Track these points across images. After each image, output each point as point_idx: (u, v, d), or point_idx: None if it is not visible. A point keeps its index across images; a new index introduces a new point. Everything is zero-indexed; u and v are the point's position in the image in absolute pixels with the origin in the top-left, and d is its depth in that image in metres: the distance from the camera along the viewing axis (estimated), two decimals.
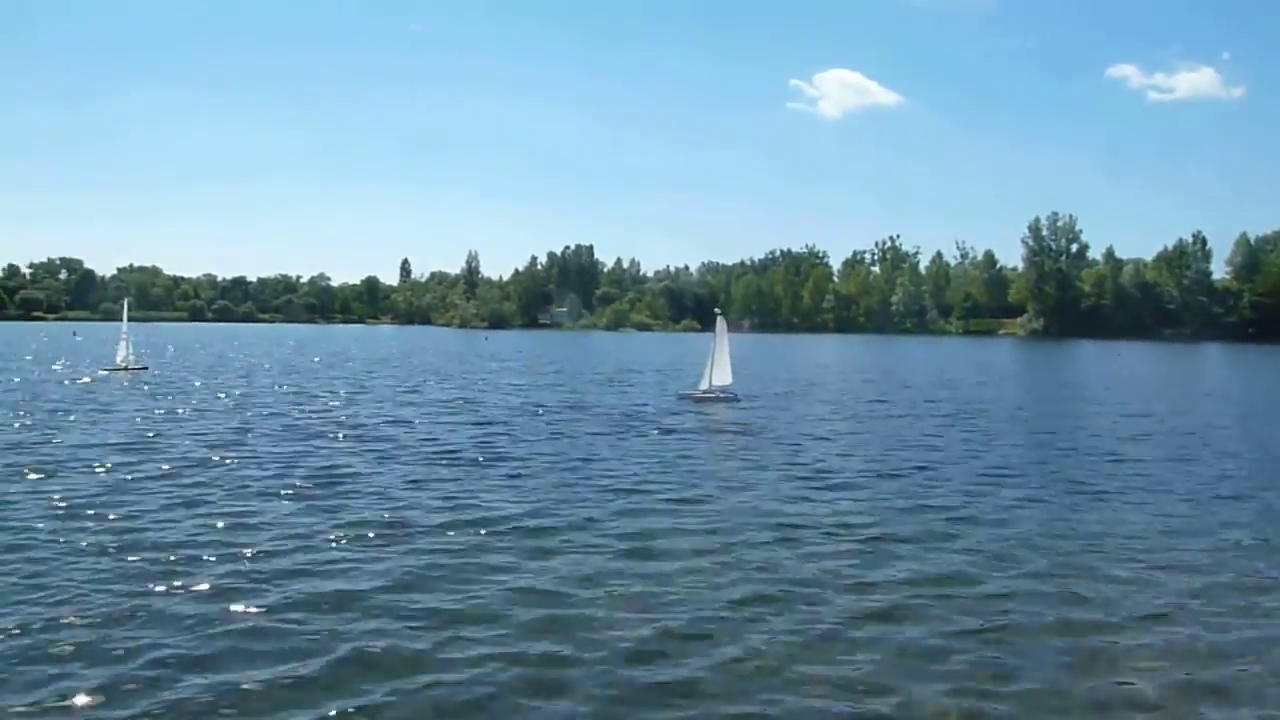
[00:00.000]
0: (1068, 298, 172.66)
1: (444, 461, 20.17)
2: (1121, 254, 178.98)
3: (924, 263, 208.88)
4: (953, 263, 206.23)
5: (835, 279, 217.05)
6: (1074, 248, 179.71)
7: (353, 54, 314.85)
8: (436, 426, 26.57)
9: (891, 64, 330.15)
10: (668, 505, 15.95)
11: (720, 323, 36.83)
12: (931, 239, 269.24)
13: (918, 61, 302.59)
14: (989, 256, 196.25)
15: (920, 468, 20.52)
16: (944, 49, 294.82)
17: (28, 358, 60.43)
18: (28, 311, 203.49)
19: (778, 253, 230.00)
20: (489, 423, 27.66)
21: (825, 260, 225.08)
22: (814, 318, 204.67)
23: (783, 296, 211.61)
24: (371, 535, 13.43)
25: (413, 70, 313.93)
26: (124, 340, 48.48)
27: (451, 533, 13.65)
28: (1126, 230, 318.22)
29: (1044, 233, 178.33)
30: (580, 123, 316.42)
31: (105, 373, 46.35)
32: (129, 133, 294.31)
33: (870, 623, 10.13)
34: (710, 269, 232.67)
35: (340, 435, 24.03)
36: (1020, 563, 12.62)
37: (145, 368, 48.80)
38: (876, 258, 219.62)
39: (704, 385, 36.23)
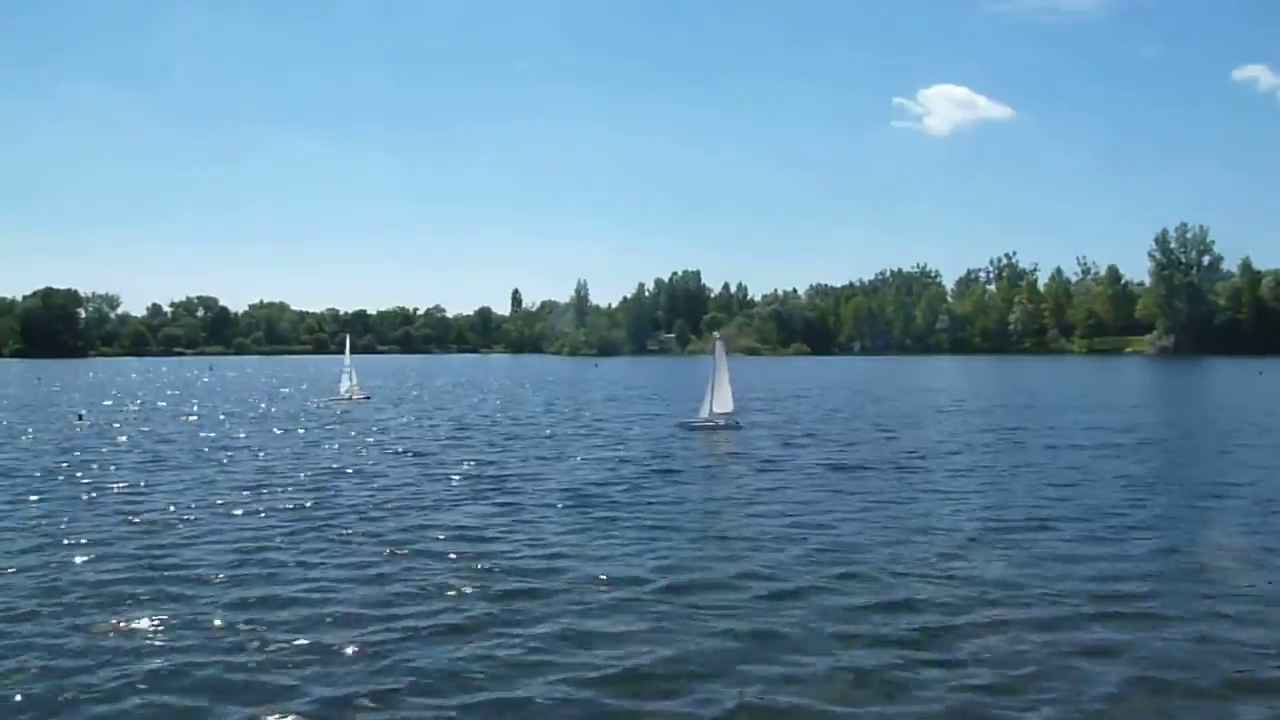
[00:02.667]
0: (1200, 313, 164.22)
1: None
2: (1259, 265, 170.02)
3: (1043, 279, 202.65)
4: (1074, 279, 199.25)
5: (949, 298, 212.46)
6: (1206, 260, 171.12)
7: (462, 93, 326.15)
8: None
9: (1000, 77, 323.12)
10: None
11: (719, 346, 34.88)
12: (1050, 255, 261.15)
13: (1029, 73, 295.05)
14: (1113, 271, 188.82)
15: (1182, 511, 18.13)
16: (1057, 59, 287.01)
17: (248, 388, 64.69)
18: (169, 348, 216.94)
19: (888, 273, 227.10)
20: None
21: (938, 279, 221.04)
22: (927, 339, 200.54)
23: (894, 317, 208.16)
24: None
25: (520, 107, 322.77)
26: (348, 371, 51.97)
27: None
28: (1264, 240, 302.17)
29: (1172, 245, 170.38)
30: (684, 151, 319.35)
31: (331, 401, 50.12)
32: (259, 182, 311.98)
33: None
34: (819, 291, 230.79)
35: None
36: None
37: (369, 397, 51.96)
38: (992, 276, 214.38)
39: (704, 412, 34.20)
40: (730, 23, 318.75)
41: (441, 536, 15.73)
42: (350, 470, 23.82)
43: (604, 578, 12.98)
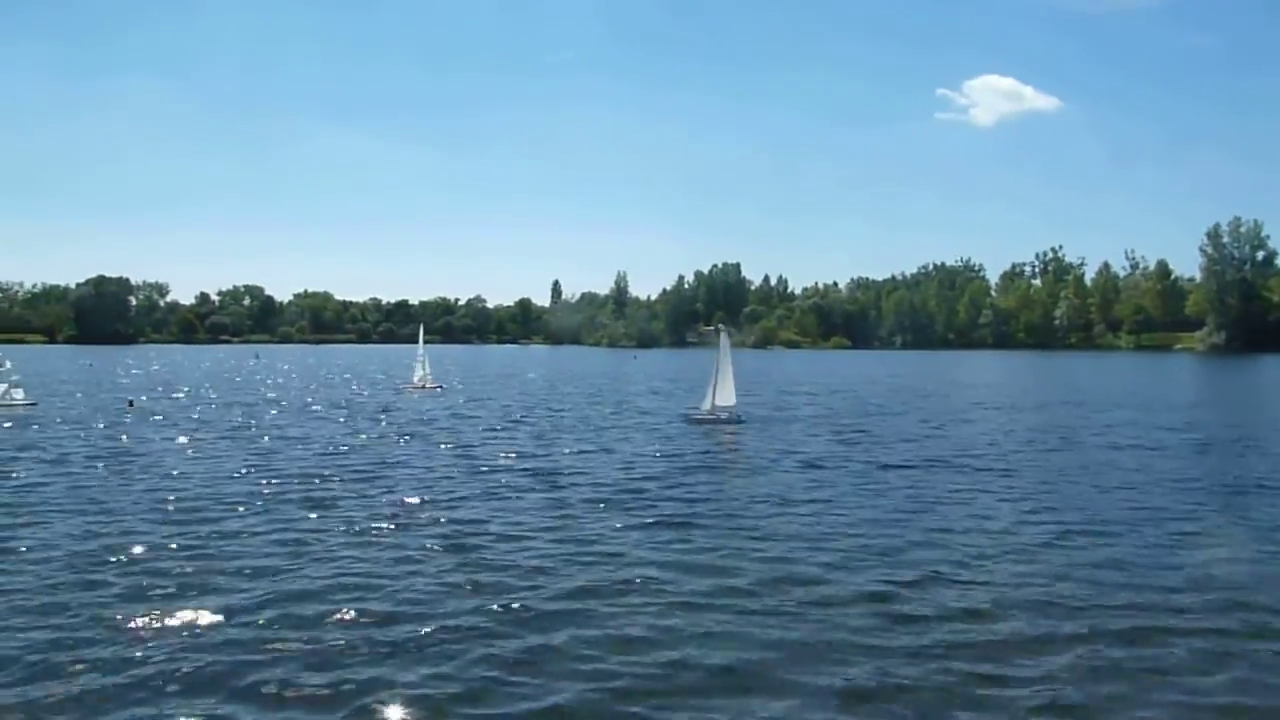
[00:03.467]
0: (1252, 309, 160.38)
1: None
2: None
3: (1090, 274, 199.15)
4: (1122, 274, 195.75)
5: (993, 292, 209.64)
6: (1259, 255, 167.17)
7: (502, 85, 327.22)
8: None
9: (1048, 67, 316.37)
10: None
11: (723, 339, 34.65)
12: (1098, 249, 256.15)
13: (1077, 63, 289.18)
14: (1162, 266, 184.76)
15: None
16: (1106, 48, 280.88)
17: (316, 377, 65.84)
18: (216, 335, 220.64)
19: (931, 266, 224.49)
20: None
21: (982, 273, 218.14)
22: (970, 333, 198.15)
23: (936, 312, 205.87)
24: None
25: (560, 98, 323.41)
26: (421, 360, 53.16)
27: None
28: None
29: (1224, 240, 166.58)
30: (724, 142, 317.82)
31: (408, 388, 51.46)
32: (302, 172, 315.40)
33: None
34: (860, 285, 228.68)
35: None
36: None
37: (441, 387, 53.00)
38: (1037, 270, 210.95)
39: (706, 406, 34.28)
40: (771, 15, 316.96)
41: (489, 532, 15.80)
42: (412, 462, 24.20)
43: (659, 580, 12.91)
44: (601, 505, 18.35)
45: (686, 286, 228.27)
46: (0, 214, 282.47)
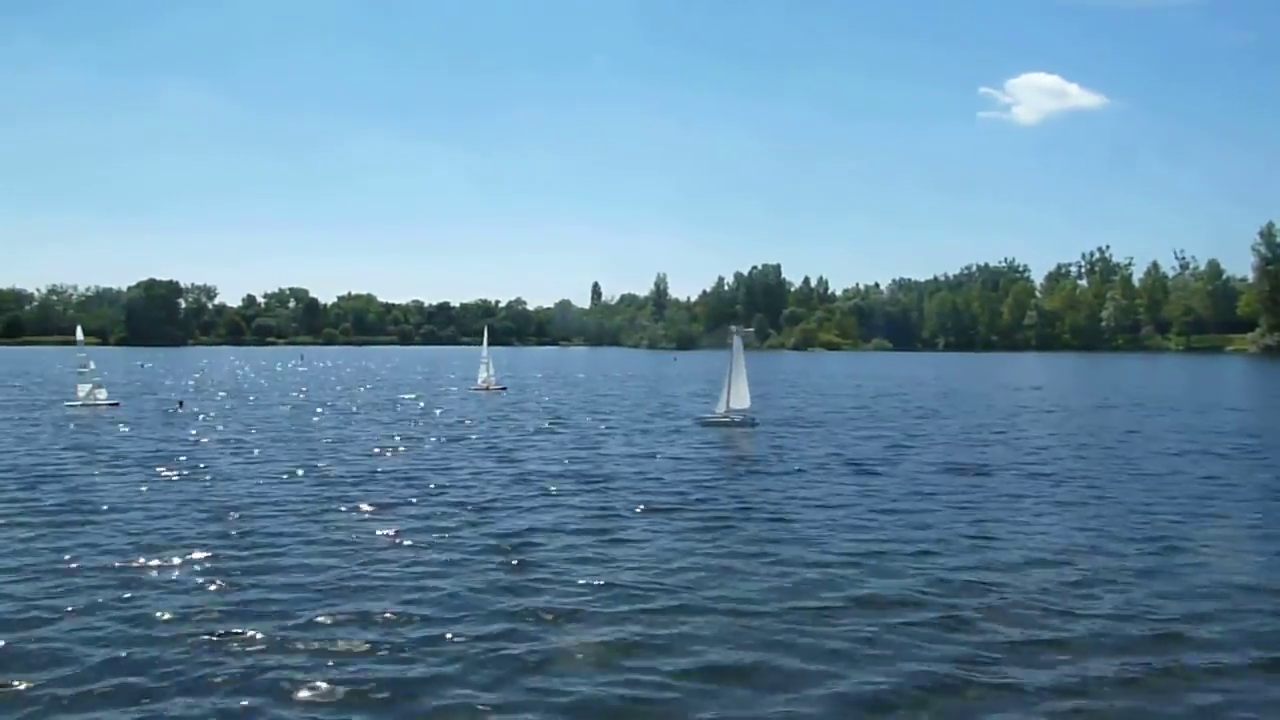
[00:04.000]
0: None
1: None
2: None
3: (1138, 274, 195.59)
4: (1171, 274, 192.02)
5: (1038, 294, 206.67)
6: None
7: (540, 88, 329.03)
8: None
9: (1092, 65, 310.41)
10: None
11: (736, 341, 34.14)
12: (1146, 249, 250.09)
13: (1123, 60, 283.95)
14: (1213, 266, 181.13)
15: None
16: (1152, 45, 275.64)
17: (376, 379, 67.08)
18: (262, 337, 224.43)
19: (974, 267, 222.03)
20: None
21: (1026, 274, 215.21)
22: (1014, 335, 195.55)
23: (980, 313, 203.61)
24: None
25: (600, 101, 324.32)
26: (485, 363, 54.50)
27: None
28: None
29: (1278, 239, 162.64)
30: (764, 144, 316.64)
31: (476, 390, 53.00)
32: (344, 175, 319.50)
33: None
34: (902, 286, 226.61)
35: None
36: None
37: (504, 388, 54.21)
38: (1083, 270, 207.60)
39: (720, 409, 34.09)
40: (808, 15, 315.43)
41: (535, 538, 15.71)
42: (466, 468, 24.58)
43: (721, 597, 12.44)
44: (641, 509, 18.39)
45: (726, 288, 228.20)
46: (53, 215, 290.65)
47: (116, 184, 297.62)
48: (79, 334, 43.88)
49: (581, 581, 13.06)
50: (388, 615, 11.50)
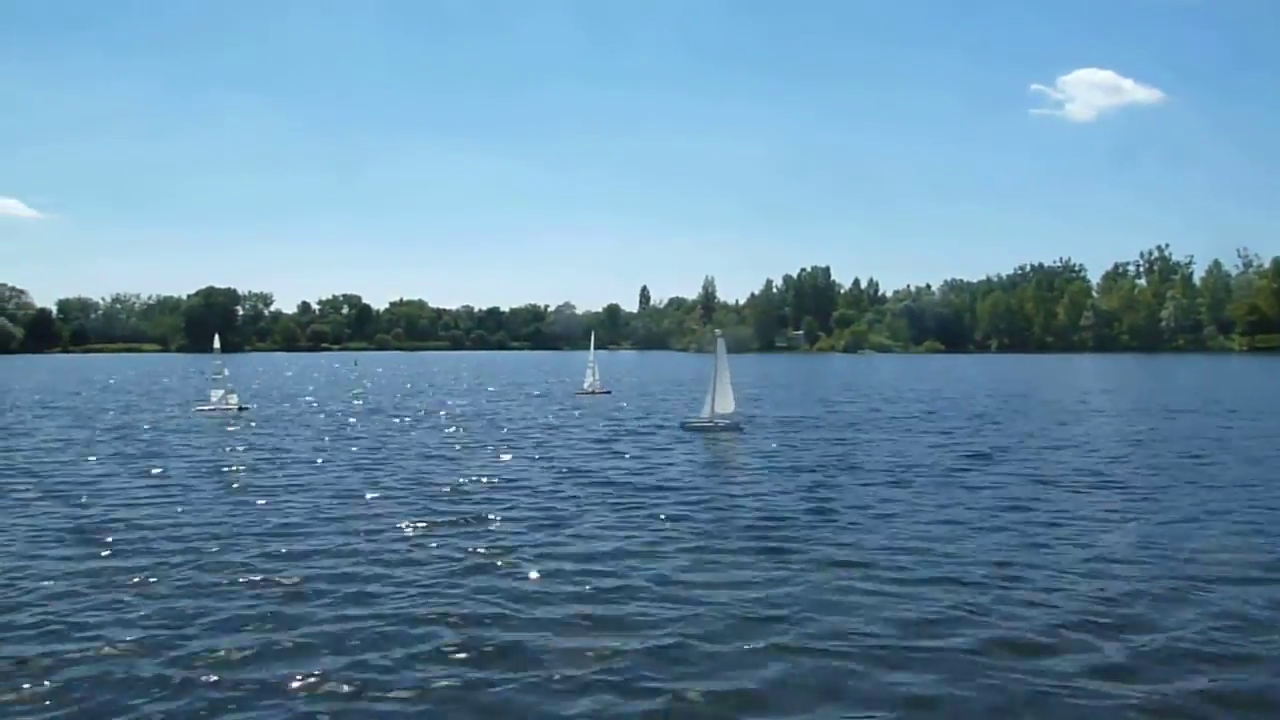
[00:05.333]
0: None
1: None
2: None
3: (1198, 273, 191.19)
4: (1234, 272, 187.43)
5: (1094, 294, 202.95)
6: None
7: (583, 94, 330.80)
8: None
9: (1148, 59, 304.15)
10: None
11: (720, 344, 33.82)
12: (1207, 247, 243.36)
13: (1180, 53, 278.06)
14: (1278, 264, 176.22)
15: None
16: (1211, 37, 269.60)
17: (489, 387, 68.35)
18: (316, 343, 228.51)
19: (1028, 267, 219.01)
20: None
21: (1082, 274, 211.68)
22: (1069, 336, 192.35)
23: (1034, 314, 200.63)
24: None
25: (647, 105, 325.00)
26: (591, 366, 55.21)
27: None
28: None
29: None
30: (812, 145, 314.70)
31: (582, 393, 53.82)
32: (395, 187, 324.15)
33: None
34: (953, 287, 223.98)
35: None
36: None
37: (609, 392, 55.42)
38: (1142, 269, 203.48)
39: (705, 413, 33.61)
40: (855, 13, 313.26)
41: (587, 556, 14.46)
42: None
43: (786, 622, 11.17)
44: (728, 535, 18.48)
45: (775, 290, 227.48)
46: (117, 226, 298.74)
47: (178, 196, 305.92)
48: (216, 342, 46.82)
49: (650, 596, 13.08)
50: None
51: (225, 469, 24.11)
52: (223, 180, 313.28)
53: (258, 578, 12.93)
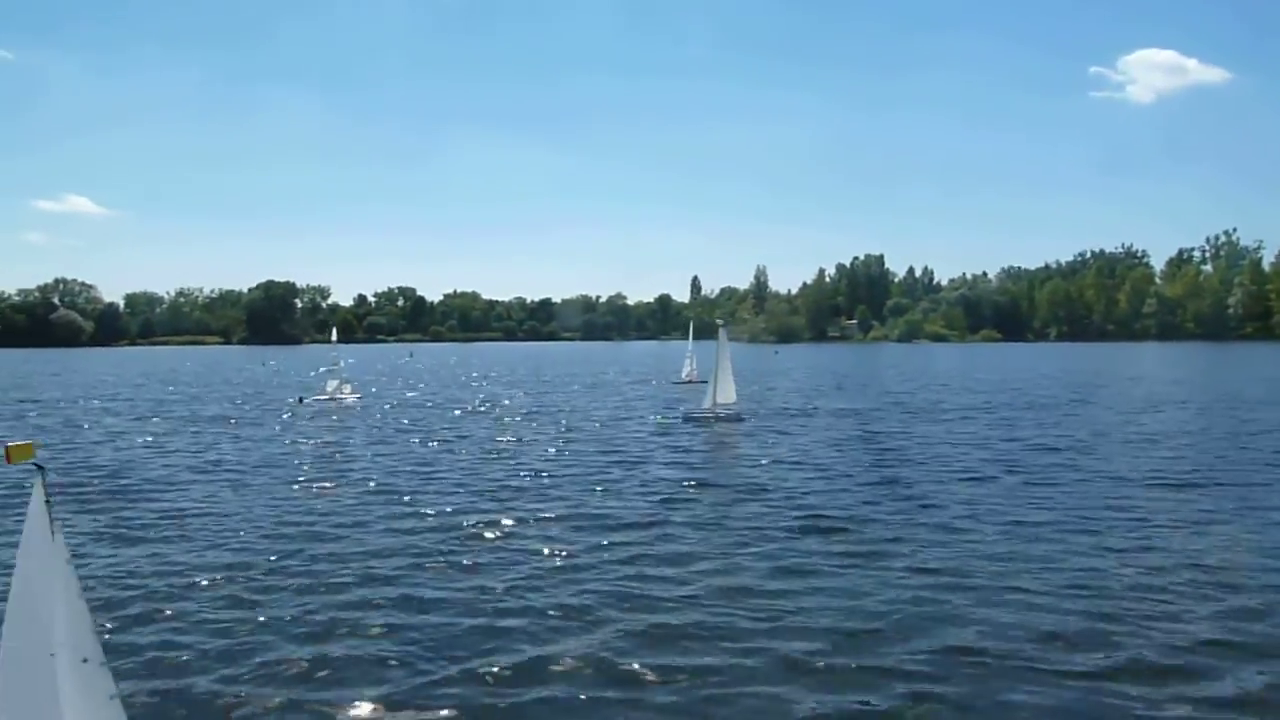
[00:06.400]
0: None
1: None
2: None
3: (1268, 258, 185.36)
4: None
5: (1158, 280, 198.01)
6: None
7: (629, 85, 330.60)
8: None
9: (1213, 38, 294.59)
10: None
11: (721, 335, 34.36)
12: (1277, 232, 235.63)
13: (1247, 32, 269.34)
14: None
15: None
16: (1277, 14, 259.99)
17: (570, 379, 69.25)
18: (372, 335, 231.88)
19: (1088, 254, 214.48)
20: None
21: (1145, 260, 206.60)
22: (1132, 324, 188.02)
23: (1095, 302, 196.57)
24: None
25: (698, 92, 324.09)
26: (690, 356, 56.80)
27: None
28: None
29: None
30: (866, 132, 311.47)
31: (682, 383, 55.49)
32: (448, 180, 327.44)
33: None
34: (1011, 275, 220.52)
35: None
36: None
37: (705, 381, 55.68)
38: (1207, 255, 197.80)
39: (707, 404, 34.21)
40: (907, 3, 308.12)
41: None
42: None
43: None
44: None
45: (827, 279, 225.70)
46: (180, 219, 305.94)
47: (237, 191, 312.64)
48: (334, 335, 50.47)
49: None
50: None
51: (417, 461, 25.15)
52: (280, 174, 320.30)
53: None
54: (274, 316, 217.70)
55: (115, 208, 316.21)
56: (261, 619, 11.42)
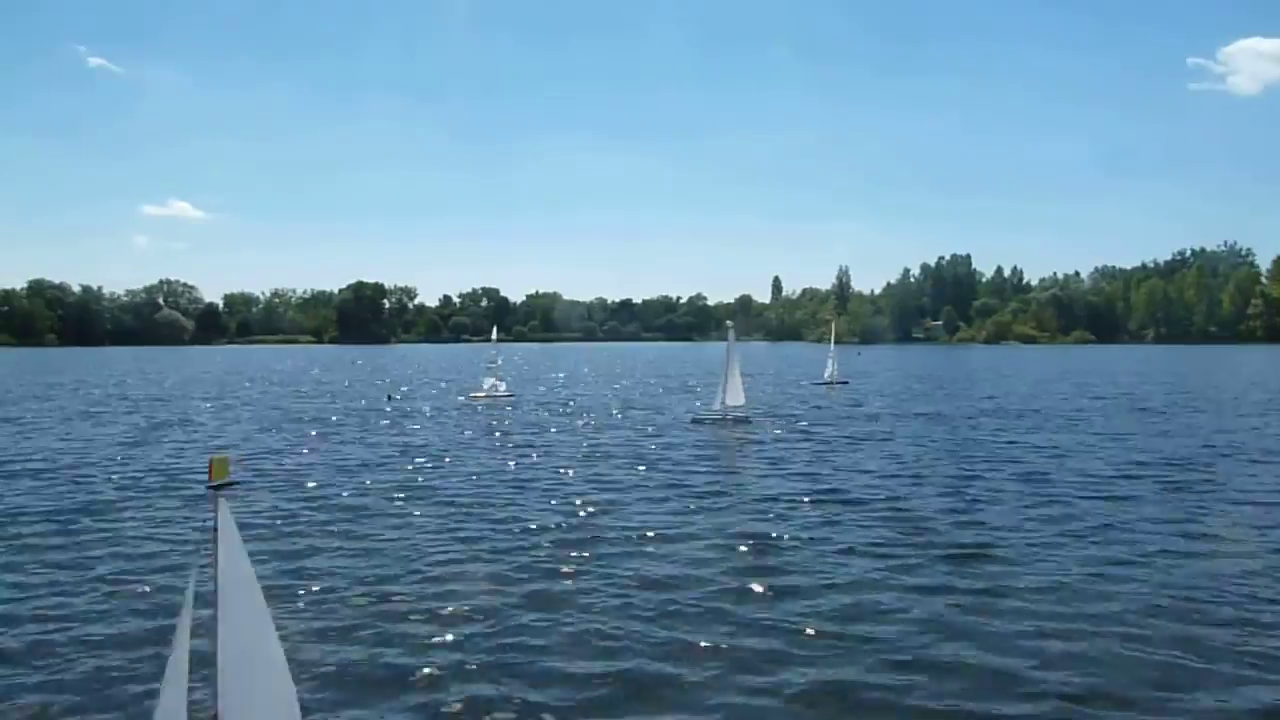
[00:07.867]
0: None
1: None
2: None
3: None
4: None
5: (1264, 280, 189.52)
6: None
7: (706, 95, 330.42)
8: None
9: None
10: None
11: (730, 336, 34.52)
12: None
13: None
14: None
15: None
16: None
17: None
18: (457, 334, 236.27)
19: (1188, 252, 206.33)
20: None
21: (1250, 258, 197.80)
22: (1236, 325, 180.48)
23: (1195, 302, 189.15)
24: None
25: (779, 90, 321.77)
26: (832, 358, 58.00)
27: None
28: None
29: None
30: (953, 127, 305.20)
31: (816, 385, 56.99)
32: (531, 183, 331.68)
33: None
34: (1104, 274, 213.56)
35: None
36: None
37: (846, 382, 57.95)
38: None
39: (716, 405, 34.12)
40: (976, 5, 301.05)
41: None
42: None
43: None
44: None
45: (912, 279, 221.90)
46: (274, 224, 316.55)
47: (329, 195, 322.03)
48: (494, 333, 51.64)
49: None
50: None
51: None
52: (370, 178, 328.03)
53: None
54: (364, 316, 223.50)
55: (215, 211, 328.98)
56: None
